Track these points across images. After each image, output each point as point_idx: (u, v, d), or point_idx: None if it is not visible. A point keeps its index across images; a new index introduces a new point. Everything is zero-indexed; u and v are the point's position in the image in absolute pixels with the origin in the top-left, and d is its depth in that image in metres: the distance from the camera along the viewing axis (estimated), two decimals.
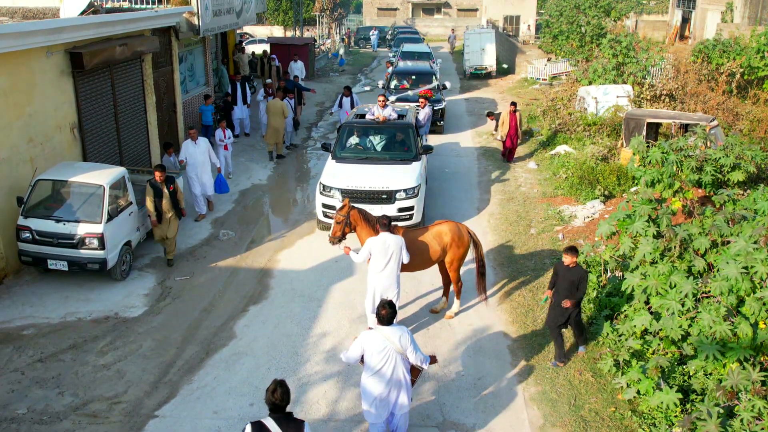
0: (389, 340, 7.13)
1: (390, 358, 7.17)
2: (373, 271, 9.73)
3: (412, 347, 7.25)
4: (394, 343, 7.13)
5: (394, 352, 7.17)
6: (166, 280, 12.06)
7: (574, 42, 31.19)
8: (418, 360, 7.34)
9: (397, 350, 7.17)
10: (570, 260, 9.28)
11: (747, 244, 7.94)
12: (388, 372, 7.19)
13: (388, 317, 7.18)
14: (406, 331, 7.28)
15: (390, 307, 7.20)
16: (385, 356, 7.15)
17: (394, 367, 7.20)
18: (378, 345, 7.15)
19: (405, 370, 7.32)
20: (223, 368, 9.42)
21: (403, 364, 7.28)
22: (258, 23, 38.58)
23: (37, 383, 8.93)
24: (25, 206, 11.20)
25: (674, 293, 8.32)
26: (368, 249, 9.65)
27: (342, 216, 10.16)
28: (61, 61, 12.86)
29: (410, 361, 7.35)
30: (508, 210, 15.58)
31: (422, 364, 7.41)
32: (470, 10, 69.30)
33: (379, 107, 16.03)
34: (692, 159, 11.68)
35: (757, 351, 7.34)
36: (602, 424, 8.28)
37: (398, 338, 7.15)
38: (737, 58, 23.06)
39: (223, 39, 26.91)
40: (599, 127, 19.94)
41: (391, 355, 7.16)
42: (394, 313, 7.23)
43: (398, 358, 7.21)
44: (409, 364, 7.40)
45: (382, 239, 9.58)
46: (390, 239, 9.58)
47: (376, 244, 9.57)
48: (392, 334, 7.16)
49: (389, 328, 7.20)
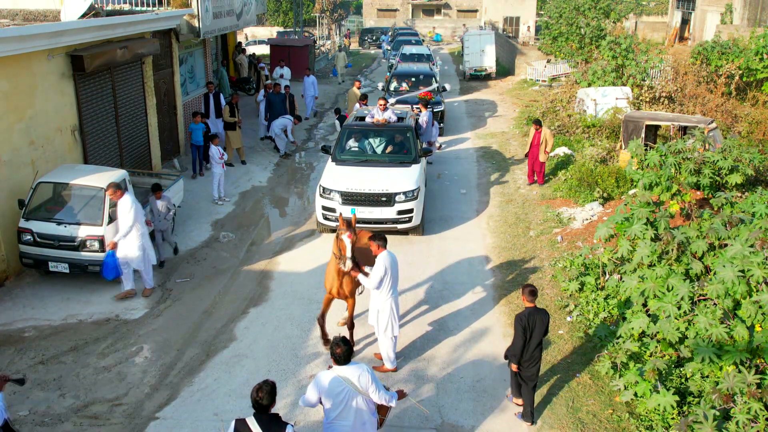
0: (347, 381, 6.47)
1: (349, 401, 6.49)
2: (385, 292, 8.99)
3: (375, 386, 6.57)
4: (353, 384, 6.47)
5: (355, 393, 6.50)
6: (167, 282, 12.12)
7: (574, 43, 31.24)
8: (382, 399, 6.68)
9: (358, 391, 6.50)
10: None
11: (743, 247, 7.99)
12: (349, 415, 6.52)
13: (344, 356, 6.51)
14: (366, 369, 6.59)
15: (345, 344, 6.51)
16: (344, 398, 6.48)
17: (356, 410, 6.52)
18: (336, 387, 6.48)
19: (370, 412, 6.67)
20: (223, 370, 9.48)
21: (366, 405, 6.60)
22: (258, 24, 38.63)
23: (39, 385, 9.00)
24: (26, 209, 11.27)
25: (671, 296, 8.37)
26: (384, 265, 8.85)
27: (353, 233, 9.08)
28: (62, 64, 12.93)
29: (374, 400, 6.69)
30: (507, 212, 15.64)
31: (388, 402, 6.77)
32: (470, 11, 69.37)
33: (380, 110, 16.10)
34: (690, 161, 11.73)
35: (753, 354, 7.40)
36: (599, 426, 8.34)
37: (357, 378, 6.49)
38: (736, 60, 23.11)
39: (223, 41, 26.99)
40: (598, 129, 20.01)
41: (351, 396, 6.48)
42: (350, 351, 6.57)
43: (359, 400, 6.53)
44: (373, 404, 6.74)
45: (390, 255, 9.00)
46: (392, 255, 9.09)
47: (387, 260, 8.93)
48: (350, 374, 6.50)
49: (346, 367, 6.53)
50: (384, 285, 8.92)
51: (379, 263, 8.84)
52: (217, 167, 16.04)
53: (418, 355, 9.92)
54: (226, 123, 18.71)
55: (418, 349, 10.07)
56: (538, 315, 8.07)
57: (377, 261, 8.88)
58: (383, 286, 8.92)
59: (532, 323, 8.00)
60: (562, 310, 11.03)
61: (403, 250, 13.39)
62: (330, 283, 9.53)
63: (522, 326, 7.96)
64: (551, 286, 11.81)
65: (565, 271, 12.08)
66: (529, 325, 7.99)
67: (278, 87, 21.02)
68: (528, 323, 7.98)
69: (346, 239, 8.92)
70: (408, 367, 9.60)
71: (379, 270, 8.81)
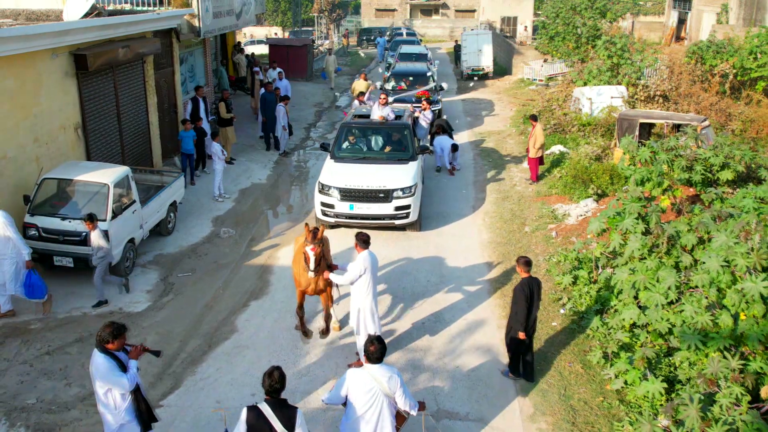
0: (377, 380, 6.49)
1: (376, 401, 6.51)
2: (364, 291, 9.23)
3: (402, 390, 6.57)
4: (382, 385, 6.48)
5: (382, 394, 6.51)
6: (169, 276, 12.36)
7: (570, 43, 31.51)
8: (406, 405, 6.65)
9: (385, 393, 6.51)
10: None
11: (728, 238, 8.25)
12: (373, 417, 6.52)
13: (377, 354, 6.53)
14: (396, 372, 6.64)
15: (379, 343, 6.54)
16: (372, 398, 6.49)
17: (380, 411, 6.53)
18: (365, 385, 6.49)
19: (391, 416, 6.65)
20: (225, 361, 9.73)
21: (389, 408, 6.60)
22: (257, 24, 38.82)
23: (45, 375, 9.24)
24: (31, 204, 11.51)
25: (660, 286, 8.63)
26: (363, 265, 9.03)
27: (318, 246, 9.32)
28: (66, 63, 13.17)
29: (398, 405, 6.66)
30: (503, 208, 15.89)
31: (410, 410, 6.72)
32: (468, 11, 69.57)
33: (380, 105, 16.38)
34: (683, 158, 12.00)
35: (738, 341, 7.66)
36: (591, 412, 8.60)
37: (387, 379, 6.50)
38: (730, 59, 23.38)
39: (222, 40, 27.22)
40: (593, 128, 20.26)
41: (378, 397, 6.51)
42: (383, 350, 6.57)
43: (385, 402, 6.54)
44: (395, 409, 6.71)
45: (371, 255, 9.16)
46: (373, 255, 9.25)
47: (368, 260, 9.11)
48: (381, 374, 6.51)
49: (378, 367, 6.55)
50: (363, 284, 9.17)
51: (358, 262, 9.08)
52: (219, 164, 16.28)
53: (415, 345, 10.18)
54: (222, 120, 18.94)
55: (414, 339, 10.33)
56: (534, 283, 8.94)
57: (357, 259, 9.13)
58: (363, 285, 9.17)
59: (531, 291, 8.83)
60: (556, 303, 11.29)
61: (400, 246, 13.66)
62: (305, 284, 9.75)
63: (524, 295, 8.78)
64: (545, 280, 12.04)
65: (559, 265, 12.34)
66: (530, 292, 8.80)
67: (269, 86, 21.14)
68: (528, 291, 8.79)
69: (309, 252, 9.25)
70: (405, 357, 9.86)
71: (357, 269, 9.06)
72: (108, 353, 6.68)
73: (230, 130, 19.09)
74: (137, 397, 6.93)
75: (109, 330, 6.68)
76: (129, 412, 6.86)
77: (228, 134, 19.01)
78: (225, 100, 19.12)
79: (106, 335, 6.67)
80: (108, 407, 6.79)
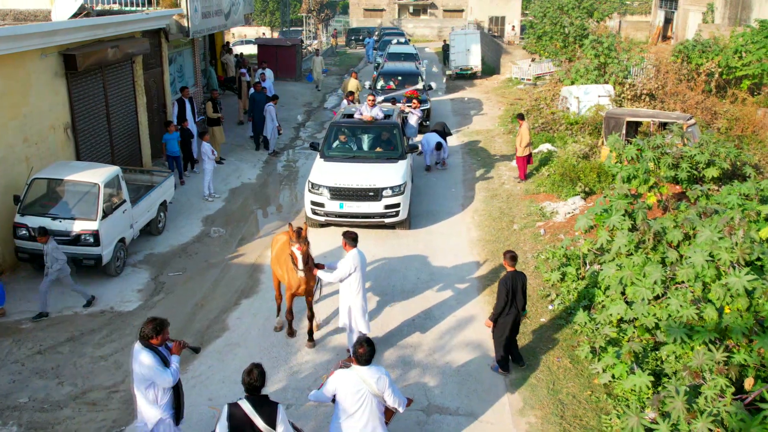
0: (366, 382, 6.52)
1: (365, 402, 6.54)
2: (354, 289, 9.35)
3: (390, 390, 6.62)
4: (371, 386, 6.52)
5: (371, 395, 6.55)
6: (160, 276, 12.39)
7: (558, 43, 31.71)
8: (395, 403, 6.72)
9: (374, 393, 6.56)
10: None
11: (713, 234, 8.40)
12: (362, 417, 6.56)
13: (366, 357, 6.54)
14: (384, 372, 6.67)
15: (368, 345, 6.56)
16: (360, 399, 6.52)
17: (370, 411, 6.57)
18: (353, 386, 6.53)
19: (380, 414, 6.70)
20: (216, 358, 9.78)
21: (378, 407, 6.65)
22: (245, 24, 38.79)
23: (37, 374, 9.26)
24: (21, 204, 11.51)
25: (646, 281, 8.77)
26: (352, 263, 9.15)
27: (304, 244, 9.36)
28: (55, 63, 13.17)
29: (387, 404, 6.72)
30: (492, 207, 16.01)
31: (399, 407, 6.79)
32: (456, 11, 69.78)
33: (368, 107, 16.44)
34: (669, 156, 12.15)
35: (722, 334, 7.80)
36: (579, 406, 8.72)
37: (375, 381, 6.54)
38: (716, 58, 23.64)
39: (211, 40, 27.21)
40: (581, 126, 20.43)
41: (367, 398, 6.54)
42: (372, 352, 6.60)
43: (374, 402, 6.58)
44: (383, 406, 6.76)
45: (360, 254, 9.26)
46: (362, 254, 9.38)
47: (357, 258, 9.22)
48: (369, 376, 6.54)
49: (366, 368, 6.57)
50: (353, 282, 9.27)
51: (347, 260, 9.17)
52: (209, 164, 16.30)
53: (405, 342, 10.27)
54: (210, 119, 18.96)
55: (405, 336, 10.42)
56: (518, 277, 9.22)
57: (346, 257, 9.21)
58: (353, 283, 9.27)
59: (513, 285, 9.13)
60: (544, 299, 11.42)
61: (390, 244, 13.75)
62: (295, 284, 9.74)
63: (506, 288, 9.09)
64: (534, 277, 12.18)
65: (548, 262, 12.45)
66: (512, 286, 9.12)
67: (258, 85, 21.18)
68: (511, 285, 9.10)
69: (296, 251, 9.24)
70: (396, 354, 9.94)
71: (347, 267, 9.15)
72: (152, 348, 6.77)
73: (218, 129, 19.10)
74: (177, 393, 7.06)
75: (151, 326, 6.78)
76: (169, 406, 6.99)
77: (216, 134, 19.03)
78: (213, 99, 19.15)
79: (149, 331, 6.76)
80: (149, 401, 6.88)
